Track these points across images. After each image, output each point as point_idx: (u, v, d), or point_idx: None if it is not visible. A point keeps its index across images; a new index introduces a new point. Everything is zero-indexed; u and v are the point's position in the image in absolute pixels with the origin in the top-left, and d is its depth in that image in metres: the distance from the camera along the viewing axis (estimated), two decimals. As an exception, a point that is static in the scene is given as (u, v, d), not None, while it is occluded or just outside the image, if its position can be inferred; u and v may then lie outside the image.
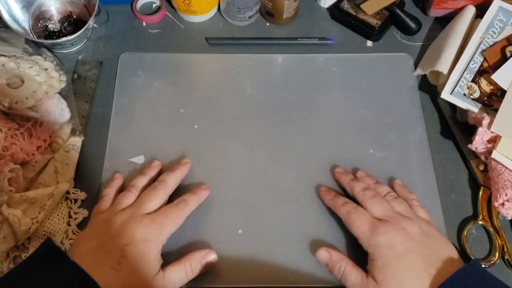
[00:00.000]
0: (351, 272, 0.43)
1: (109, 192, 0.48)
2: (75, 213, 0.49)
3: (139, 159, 0.52)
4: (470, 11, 0.59)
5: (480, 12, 0.58)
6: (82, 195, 0.50)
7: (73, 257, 0.40)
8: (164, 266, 0.43)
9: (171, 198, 0.48)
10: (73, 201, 0.50)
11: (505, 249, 0.48)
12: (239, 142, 0.54)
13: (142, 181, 0.48)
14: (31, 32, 0.59)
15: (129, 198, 0.46)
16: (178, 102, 0.56)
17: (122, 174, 0.51)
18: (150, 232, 0.42)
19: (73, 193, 0.50)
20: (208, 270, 0.46)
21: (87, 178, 0.51)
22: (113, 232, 0.42)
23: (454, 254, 0.42)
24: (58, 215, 0.48)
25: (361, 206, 0.46)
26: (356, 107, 0.56)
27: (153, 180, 0.49)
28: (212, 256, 0.45)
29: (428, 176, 0.52)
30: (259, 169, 0.52)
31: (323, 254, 0.45)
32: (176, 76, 0.58)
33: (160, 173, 0.50)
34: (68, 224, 0.49)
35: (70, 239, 0.48)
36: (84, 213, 0.49)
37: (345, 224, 0.46)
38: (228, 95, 0.57)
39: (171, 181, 0.48)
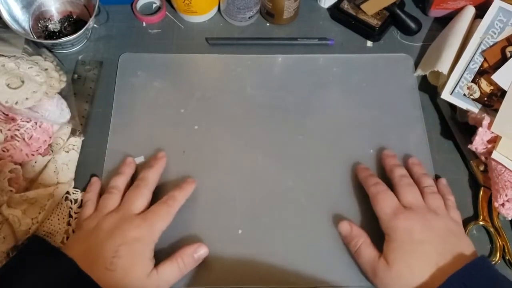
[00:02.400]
0: (366, 249, 0.44)
1: (91, 197, 0.48)
2: (75, 213, 0.49)
3: (139, 160, 0.52)
4: (470, 11, 0.59)
5: (480, 12, 0.58)
6: (82, 195, 0.50)
7: None
8: (156, 265, 0.43)
9: (156, 197, 0.47)
10: (73, 201, 0.50)
11: (506, 250, 0.48)
12: (239, 142, 0.54)
13: (121, 180, 0.48)
14: (31, 32, 0.59)
15: (112, 199, 0.46)
16: (178, 102, 0.56)
17: (99, 177, 0.51)
18: (142, 231, 0.43)
19: (73, 193, 0.50)
20: (199, 264, 0.46)
21: (87, 178, 0.51)
22: (104, 235, 0.42)
23: (472, 253, 0.43)
24: (58, 215, 0.48)
25: (394, 191, 0.47)
26: (356, 108, 0.56)
27: (132, 178, 0.49)
28: (203, 250, 0.45)
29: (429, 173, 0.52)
30: (259, 169, 0.52)
31: (345, 226, 0.47)
32: (176, 77, 0.58)
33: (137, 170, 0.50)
34: (68, 224, 0.48)
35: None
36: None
37: (371, 202, 0.47)
38: (228, 96, 0.57)
39: (152, 177, 0.48)
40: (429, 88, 0.58)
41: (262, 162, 0.52)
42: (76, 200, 0.50)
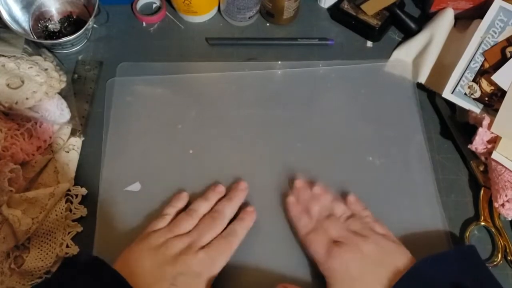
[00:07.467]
0: None
1: (170, 211, 0.48)
2: (75, 208, 0.49)
3: (136, 188, 0.51)
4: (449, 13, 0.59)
5: (480, 12, 0.57)
6: (82, 191, 0.50)
7: (122, 268, 0.40)
8: None
9: None
10: (74, 197, 0.50)
11: (508, 250, 0.48)
12: (237, 151, 0.53)
13: (203, 206, 0.48)
14: (31, 33, 0.59)
15: (188, 223, 0.46)
16: (174, 119, 0.55)
17: (188, 194, 0.50)
18: (204, 266, 0.42)
19: (73, 189, 0.50)
20: None
21: (87, 178, 0.51)
22: (168, 258, 0.42)
23: (409, 260, 0.42)
24: (55, 211, 0.48)
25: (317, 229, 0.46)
26: (354, 115, 0.55)
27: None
28: None
29: (428, 178, 0.52)
30: (258, 178, 0.51)
31: None
32: (172, 96, 0.57)
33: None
34: (66, 218, 0.49)
35: (69, 232, 0.48)
36: (83, 211, 0.49)
37: (304, 245, 0.46)
38: (226, 110, 0.56)
39: (229, 212, 0.47)
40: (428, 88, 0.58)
41: (260, 169, 0.52)
42: (76, 196, 0.50)
